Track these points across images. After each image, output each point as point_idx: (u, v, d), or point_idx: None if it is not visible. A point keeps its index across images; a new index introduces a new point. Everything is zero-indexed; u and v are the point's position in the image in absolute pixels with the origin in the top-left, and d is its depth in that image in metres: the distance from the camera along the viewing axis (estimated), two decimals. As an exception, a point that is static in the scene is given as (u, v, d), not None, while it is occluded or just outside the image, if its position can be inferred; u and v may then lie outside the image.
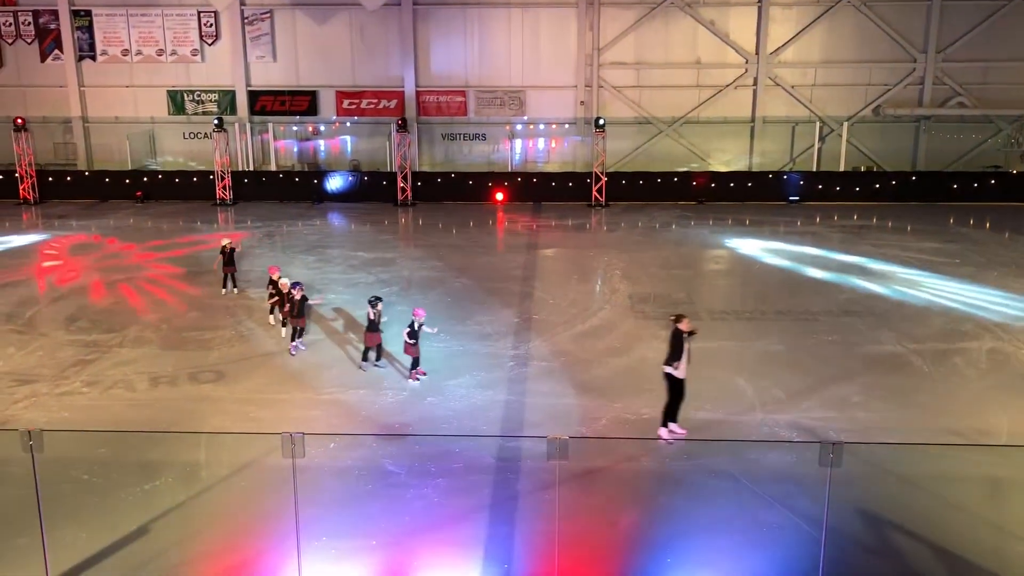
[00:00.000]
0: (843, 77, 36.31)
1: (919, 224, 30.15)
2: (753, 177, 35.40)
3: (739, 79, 36.43)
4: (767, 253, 26.45)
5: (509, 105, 37.17)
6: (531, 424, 14.11)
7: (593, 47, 36.23)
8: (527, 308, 20.64)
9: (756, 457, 12.96)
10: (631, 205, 34.04)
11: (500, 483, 12.07)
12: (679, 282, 23.02)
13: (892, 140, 36.83)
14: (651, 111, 36.80)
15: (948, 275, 23.17)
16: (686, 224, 30.88)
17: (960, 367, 16.62)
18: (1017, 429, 13.77)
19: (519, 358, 17.10)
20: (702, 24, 35.94)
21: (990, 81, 35.93)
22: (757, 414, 14.53)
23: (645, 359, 17.10)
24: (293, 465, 8.55)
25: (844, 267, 24.89)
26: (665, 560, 10.24)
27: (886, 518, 11.23)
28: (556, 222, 31.43)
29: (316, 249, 26.81)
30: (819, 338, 18.30)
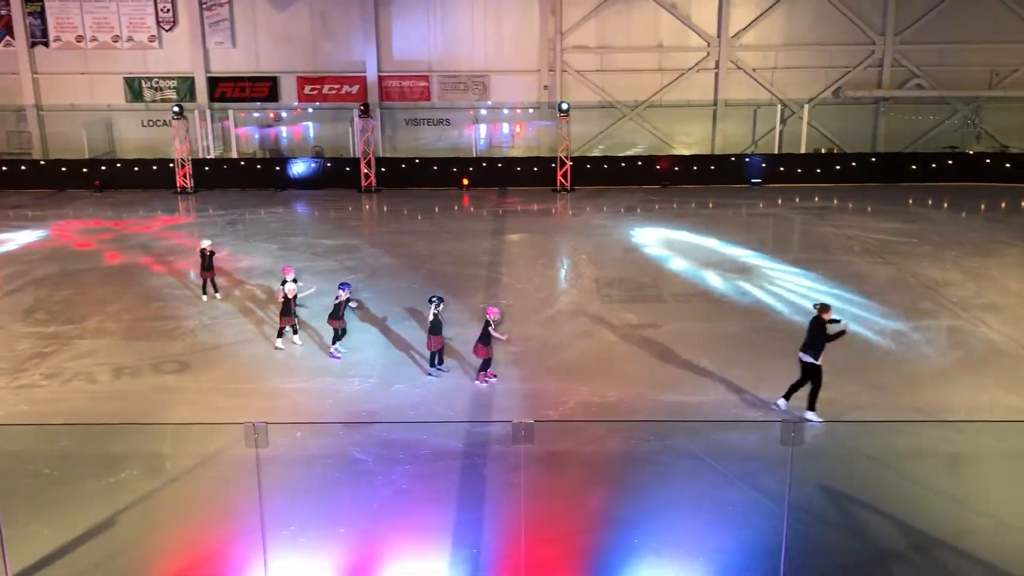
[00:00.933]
0: (803, 60, 36.60)
1: (879, 205, 30.56)
2: (716, 160, 35.62)
3: (701, 62, 36.57)
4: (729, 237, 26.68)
5: (473, 90, 37.01)
6: (499, 409, 14.14)
7: (556, 31, 36.15)
8: (494, 293, 20.63)
9: (721, 437, 13.12)
10: (596, 189, 34.11)
11: (468, 468, 12.10)
12: (644, 265, 23.13)
13: (852, 122, 37.22)
14: (614, 95, 36.84)
15: (908, 255, 23.51)
16: (650, 208, 31.01)
17: (920, 345, 16.91)
18: (976, 404, 14.05)
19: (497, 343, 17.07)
20: (664, 8, 35.99)
21: (946, 63, 36.42)
22: (721, 394, 14.68)
23: (611, 342, 17.20)
24: (256, 455, 8.50)
25: (806, 249, 25.18)
26: (632, 540, 10.33)
27: (848, 494, 11.43)
28: (522, 207, 31.41)
29: (279, 237, 26.54)
30: (780, 319, 18.49)
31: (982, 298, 19.61)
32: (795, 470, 9.77)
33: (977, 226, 27.25)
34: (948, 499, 11.46)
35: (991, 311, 18.63)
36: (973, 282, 20.88)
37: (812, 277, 21.52)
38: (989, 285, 20.62)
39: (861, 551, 10.29)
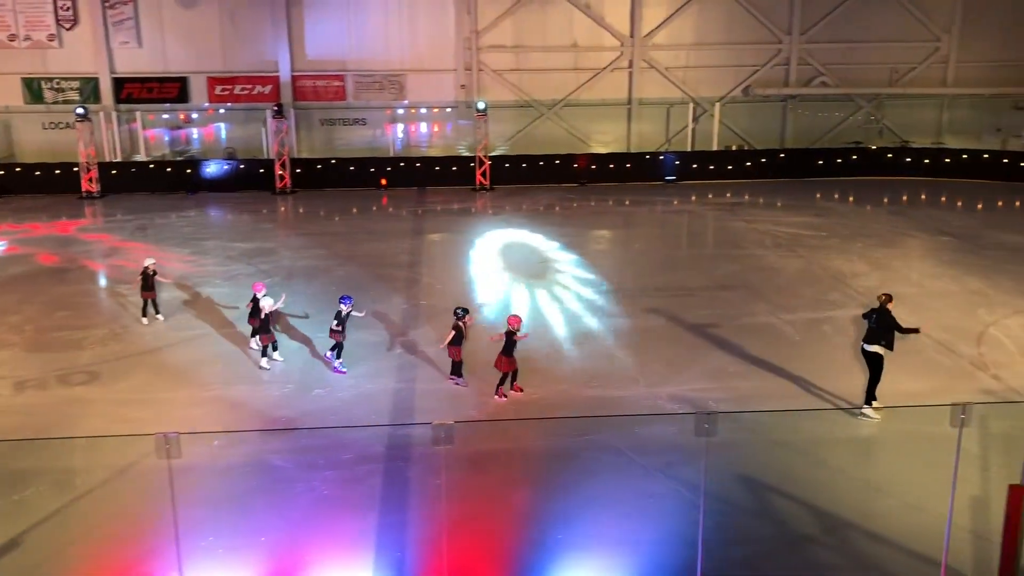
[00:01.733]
0: (714, 59, 37.42)
1: (789, 199, 31.49)
2: (632, 158, 36.13)
3: (615, 62, 37.05)
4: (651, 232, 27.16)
5: (389, 89, 36.69)
6: (422, 411, 14.08)
7: (471, 30, 36.12)
8: (415, 294, 20.53)
9: (642, 430, 13.34)
10: (515, 188, 34.24)
11: (391, 472, 12.02)
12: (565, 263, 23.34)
13: (761, 119, 38.22)
14: (531, 94, 37.03)
15: (817, 248, 24.28)
16: (568, 206, 31.29)
17: (829, 334, 17.50)
18: (881, 390, 14.55)
19: (408, 345, 17.01)
20: (577, 7, 36.33)
21: (849, 61, 37.71)
22: (641, 388, 14.93)
23: (533, 339, 17.27)
24: (169, 466, 8.26)
25: (720, 244, 25.80)
26: (556, 536, 10.42)
27: (764, 481, 11.76)
28: (441, 207, 31.31)
29: (191, 241, 25.85)
30: (698, 312, 18.89)
31: (886, 288, 20.26)
32: (713, 460, 10.00)
33: (881, 218, 28.32)
34: (858, 483, 11.90)
35: (895, 300, 19.33)
36: (878, 272, 21.69)
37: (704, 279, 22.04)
38: (893, 275, 21.47)
39: (776, 537, 10.61)
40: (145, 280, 18.01)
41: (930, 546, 9.76)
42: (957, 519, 9.66)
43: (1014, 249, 23.81)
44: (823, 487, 11.63)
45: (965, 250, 23.76)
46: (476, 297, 20.23)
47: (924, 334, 15.51)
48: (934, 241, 25.01)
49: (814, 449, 12.69)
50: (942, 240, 25.02)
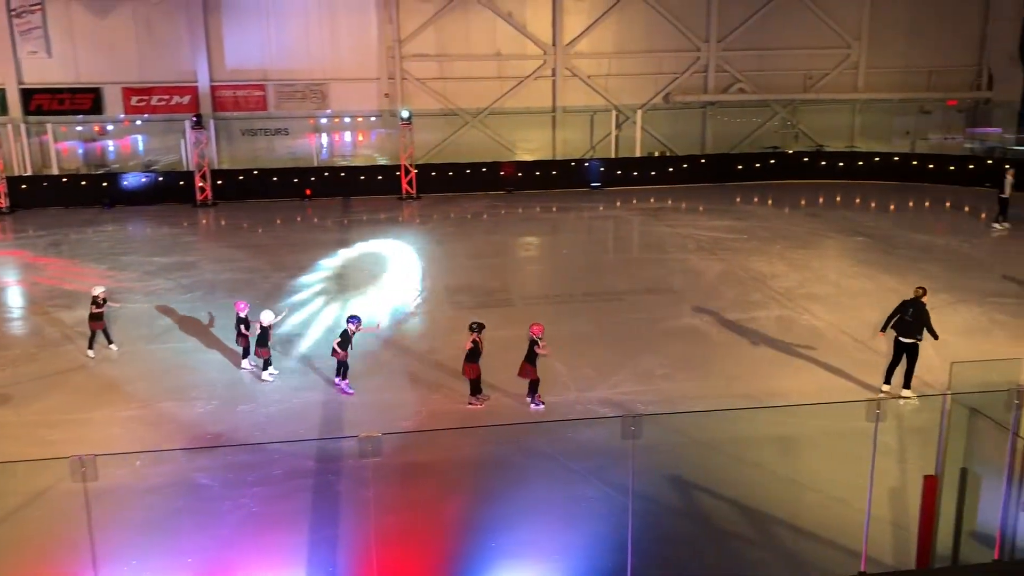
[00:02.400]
0: (635, 67, 38.03)
1: (710, 204, 32.16)
2: (557, 165, 36.46)
3: (538, 70, 37.34)
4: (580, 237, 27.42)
5: (311, 98, 36.26)
6: (352, 423, 13.93)
7: (394, 39, 35.98)
8: (340, 305, 20.29)
9: (572, 435, 13.42)
10: (442, 196, 34.19)
11: (321, 486, 11.86)
12: (492, 271, 23.38)
13: (682, 125, 38.97)
14: (456, 102, 37.04)
15: (738, 250, 24.85)
16: (496, 213, 31.39)
17: (751, 335, 17.91)
18: (803, 388, 15.01)
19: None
20: (500, 16, 36.52)
21: (765, 68, 38.75)
22: (572, 393, 15.04)
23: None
24: (85, 490, 7.99)
25: (644, 248, 26.19)
26: (489, 545, 10.42)
27: (692, 481, 11.97)
28: (367, 216, 31.06)
29: (109, 256, 25.09)
30: (625, 316, 19.14)
31: (805, 288, 21.00)
32: (643, 462, 10.12)
33: (799, 220, 29.13)
34: (781, 479, 12.20)
35: (813, 300, 19.98)
36: (797, 273, 22.31)
37: (652, 275, 22.39)
38: (811, 276, 22.11)
39: (704, 535, 10.81)
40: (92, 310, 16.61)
41: (852, 538, 10.05)
42: (877, 511, 9.98)
43: (924, 248, 24.77)
44: (748, 484, 11.89)
45: (879, 249, 24.61)
46: (406, 307, 20.11)
47: (841, 330, 16.02)
48: (850, 241, 25.84)
49: (739, 448, 12.96)
50: (857, 240, 25.87)
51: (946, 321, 18.39)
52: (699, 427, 13.52)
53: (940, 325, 18.10)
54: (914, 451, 12.33)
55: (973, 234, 26.67)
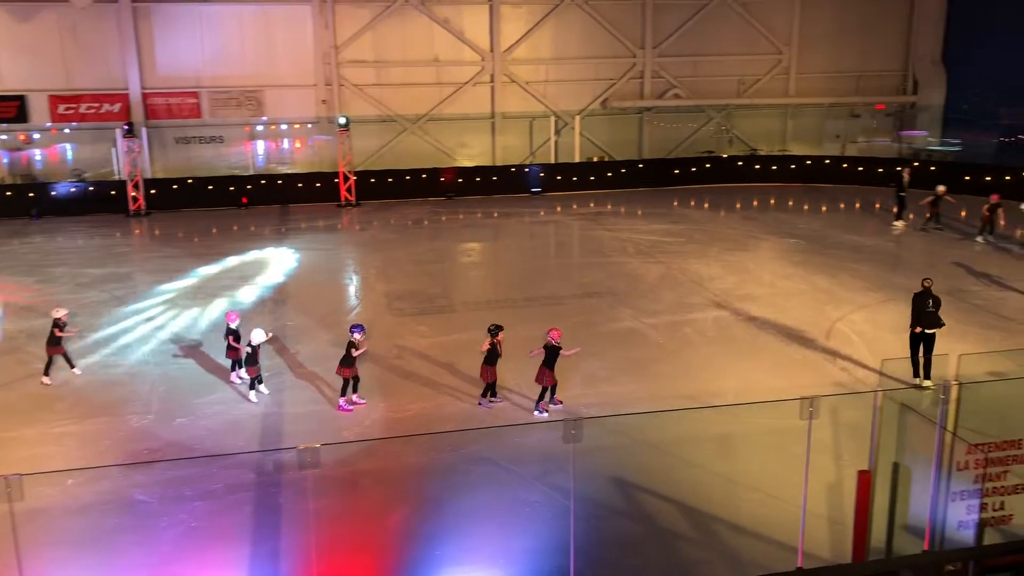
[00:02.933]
0: (572, 73, 38.35)
1: (649, 208, 32.56)
2: (497, 171, 36.54)
3: (476, 76, 37.40)
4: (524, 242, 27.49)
5: (247, 105, 35.75)
6: (294, 434, 13.74)
7: (331, 45, 35.68)
8: (281, 314, 20.04)
9: (518, 440, 13.45)
10: (382, 203, 33.99)
11: (262, 499, 11.67)
12: (434, 277, 23.32)
13: (620, 131, 39.44)
14: (394, 109, 36.88)
15: (676, 253, 25.20)
16: (437, 220, 31.32)
17: (691, 336, 18.18)
18: (742, 387, 15.29)
19: (275, 368, 16.56)
20: (437, 22, 36.50)
21: (699, 74, 39.44)
22: (517, 398, 15.07)
23: (405, 356, 17.18)
24: (11, 511, 7.74)
25: (585, 253, 26.40)
26: (433, 553, 10.39)
27: (635, 483, 12.09)
28: (306, 224, 30.72)
29: (37, 269, 24.36)
30: (567, 320, 19.21)
31: (742, 289, 21.40)
32: (587, 465, 10.21)
33: (734, 223, 29.67)
34: (721, 478, 12.40)
35: (749, 301, 20.36)
36: (733, 275, 22.72)
37: (592, 279, 22.58)
38: (747, 277, 22.54)
39: (647, 536, 10.93)
40: (53, 333, 15.72)
41: (790, 534, 10.25)
42: (814, 506, 10.22)
43: (855, 248, 25.44)
44: (689, 484, 12.06)
45: (812, 251, 25.20)
46: (350, 316, 19.94)
47: (777, 331, 16.37)
48: (783, 243, 26.41)
49: (679, 448, 13.14)
50: (791, 242, 26.46)
51: (878, 319, 18.96)
52: (641, 429, 13.67)
53: (872, 323, 18.70)
54: (849, 447, 12.64)
55: (901, 234, 27.47)
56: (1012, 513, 9.24)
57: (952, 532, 8.92)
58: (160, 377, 16.13)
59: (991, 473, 8.98)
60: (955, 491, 8.89)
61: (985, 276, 22.00)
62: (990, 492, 9.00)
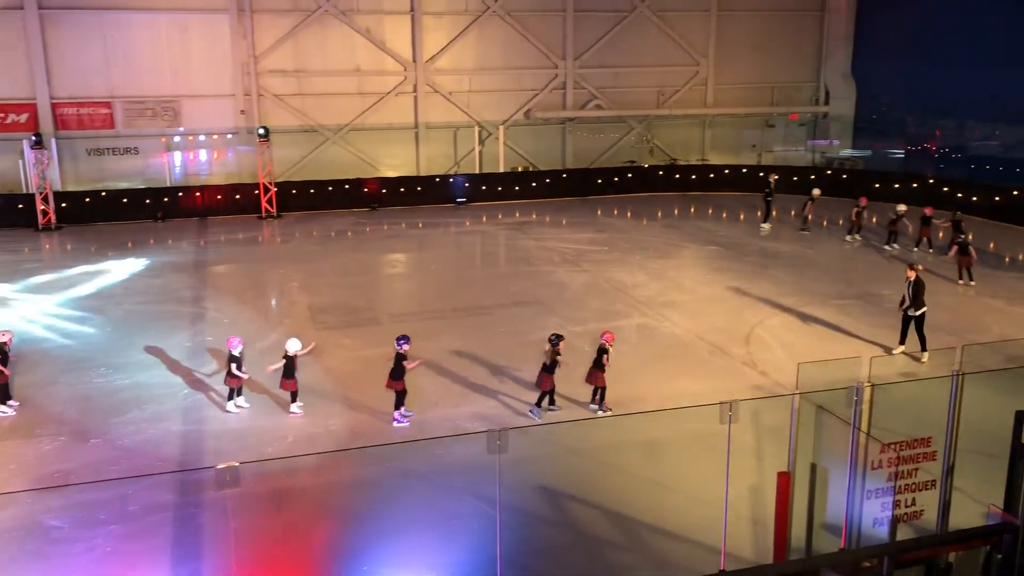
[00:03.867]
0: (496, 83, 38.52)
1: (573, 217, 32.87)
2: (422, 181, 36.40)
3: (399, 86, 37.24)
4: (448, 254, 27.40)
5: (163, 116, 34.85)
6: (214, 452, 13.40)
7: (249, 55, 35.07)
8: (200, 330, 19.56)
9: (442, 452, 13.37)
10: (304, 215, 33.52)
11: (181, 520, 11.35)
12: (358, 289, 23.07)
13: (544, 141, 39.76)
14: (316, 119, 36.44)
15: (600, 262, 25.48)
16: (361, 231, 31.03)
17: (616, 343, 18.33)
18: (665, 393, 15.53)
19: (194, 384, 16.15)
20: (358, 32, 36.23)
21: (620, 85, 40.05)
22: (441, 411, 15.00)
23: (329, 370, 16.95)
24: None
25: (512, 261, 26.49)
26: (361, 568, 10.25)
27: (562, 491, 12.15)
28: (226, 237, 30.07)
29: (-60, 287, 23.29)
30: (494, 330, 19.28)
31: (664, 296, 21.76)
32: (513, 475, 10.20)
33: (656, 232, 30.16)
34: (646, 483, 12.57)
35: (672, 307, 20.72)
36: (656, 282, 23.09)
37: (518, 289, 22.66)
38: (669, 284, 22.94)
39: (574, 544, 11.00)
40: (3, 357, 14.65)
41: (713, 536, 10.43)
42: (736, 508, 10.42)
43: (772, 255, 26.13)
44: (616, 490, 12.18)
45: (731, 258, 25.79)
46: (269, 330, 19.56)
47: (698, 336, 16.72)
48: (704, 250, 26.97)
49: (606, 454, 13.27)
50: (710, 249, 27.03)
51: (794, 323, 19.50)
52: (568, 436, 13.76)
53: (790, 328, 19.22)
54: (769, 449, 12.93)
55: (816, 241, 28.33)
56: (923, 509, 9.58)
57: (868, 529, 9.19)
58: (70, 397, 15.55)
59: (903, 471, 9.29)
60: (870, 489, 9.16)
61: (894, 280, 22.83)
62: (902, 489, 9.31)
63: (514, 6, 37.70)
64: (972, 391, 9.48)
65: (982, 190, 32.09)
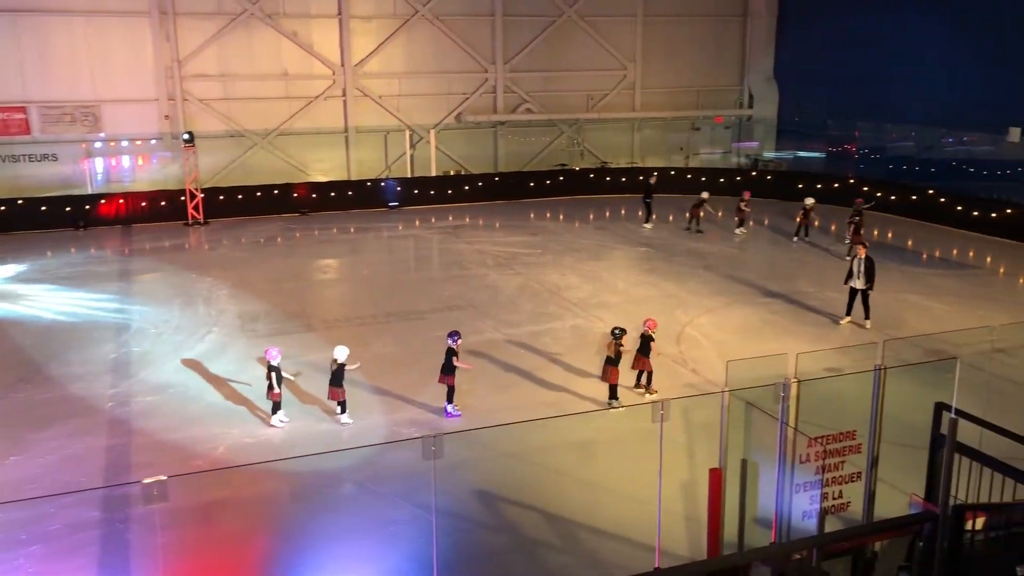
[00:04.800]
0: (426, 87, 38.40)
1: (506, 220, 32.95)
2: (353, 186, 36.05)
3: (328, 90, 36.82)
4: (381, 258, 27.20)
5: (82, 122, 33.79)
6: (141, 466, 13.05)
7: (173, 59, 34.26)
8: (125, 341, 19.02)
9: (378, 459, 13.27)
10: (233, 221, 32.87)
11: (108, 537, 11.02)
12: (289, 296, 22.71)
13: (475, 145, 39.77)
14: (243, 124, 35.80)
15: (533, 264, 25.59)
16: (291, 236, 30.59)
17: (550, 345, 18.48)
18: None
19: (120, 397, 15.71)
20: (285, 35, 35.73)
21: (550, 89, 40.33)
22: (377, 417, 14.89)
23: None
24: None
25: (445, 266, 26.45)
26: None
27: (499, 494, 12.17)
28: (151, 245, 29.30)
29: None
30: (428, 335, 19.18)
31: (597, 298, 21.97)
32: (450, 480, 10.18)
33: (588, 234, 30.43)
34: (582, 483, 12.67)
35: (604, 308, 20.93)
36: (589, 284, 23.30)
37: (451, 293, 22.62)
38: (602, 285, 23.17)
39: (511, 547, 11.01)
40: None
41: (648, 534, 10.56)
42: (670, 506, 10.57)
43: (700, 255, 26.60)
44: (552, 491, 12.25)
45: (661, 259, 26.19)
46: (196, 341, 19.14)
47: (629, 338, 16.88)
48: (635, 252, 27.32)
49: (542, 456, 13.33)
50: (641, 251, 27.40)
51: (723, 322, 19.88)
52: (503, 439, 13.78)
53: (719, 327, 19.58)
54: (701, 446, 13.15)
55: (743, 239, 28.95)
56: (849, 500, 9.87)
57: (797, 522, 9.42)
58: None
59: (830, 464, 9.55)
60: (799, 483, 9.39)
61: (817, 277, 23.51)
62: (829, 482, 9.57)
63: (443, 10, 37.66)
64: (894, 385, 9.79)
65: (899, 189, 33.26)
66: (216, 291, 23.33)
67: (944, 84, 33.74)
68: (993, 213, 29.47)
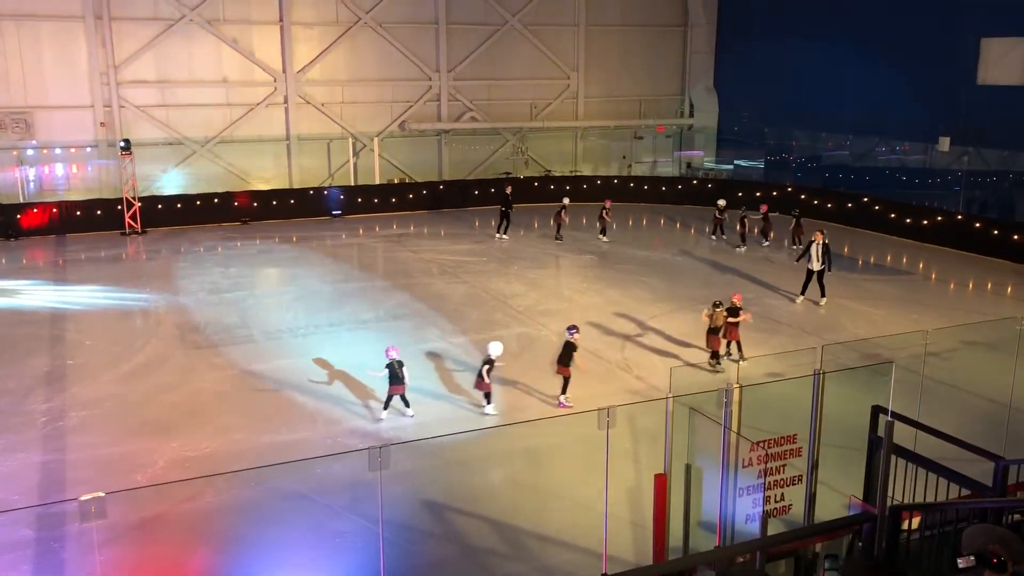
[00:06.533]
0: (369, 95, 38.14)
1: (450, 229, 32.90)
2: (295, 194, 35.63)
3: (269, 97, 36.35)
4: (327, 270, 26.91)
5: (13, 128, 32.76)
6: (77, 482, 12.69)
7: (109, 64, 33.49)
8: (59, 353, 18.50)
9: (322, 471, 13.11)
10: (172, 230, 32.23)
11: (42, 556, 10.69)
12: (230, 306, 22.33)
13: (420, 153, 39.61)
14: (182, 131, 35.13)
15: (479, 272, 25.58)
16: (232, 246, 30.10)
17: (496, 354, 18.46)
18: (547, 400, 15.72)
19: (53, 411, 15.27)
20: (225, 42, 35.19)
21: (494, 98, 40.40)
22: (319, 428, 14.71)
23: (200, 391, 16.35)
24: None
25: (391, 275, 26.29)
26: (240, 595, 9.93)
27: (446, 504, 12.12)
28: (86, 255, 28.56)
29: None
30: (375, 345, 18.98)
31: (542, 305, 22.06)
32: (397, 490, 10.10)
33: (532, 242, 30.54)
34: (530, 490, 12.70)
35: (550, 316, 21.02)
36: (534, 292, 23.39)
37: (396, 302, 22.49)
38: (547, 293, 23.28)
39: (459, 556, 10.98)
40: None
41: (595, 540, 10.63)
42: (616, 512, 10.64)
43: (643, 263, 26.91)
44: (499, 499, 12.25)
45: (605, 266, 26.42)
46: (135, 351, 18.70)
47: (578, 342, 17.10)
48: (579, 259, 27.51)
49: (489, 465, 13.33)
50: (585, 258, 27.61)
51: (666, 329, 20.11)
52: (451, 449, 13.74)
53: (663, 333, 19.81)
54: (646, 452, 13.29)
55: (684, 248, 29.37)
56: (791, 503, 10.06)
57: (741, 526, 9.56)
58: (-85, 430, 14.43)
59: (772, 468, 9.73)
60: (742, 487, 9.53)
61: (759, 284, 23.95)
62: (772, 486, 9.75)
63: (386, 18, 37.51)
64: (832, 388, 10.02)
65: (835, 197, 34.12)
66: (154, 302, 22.83)
67: (877, 94, 34.68)
68: (925, 220, 30.39)
